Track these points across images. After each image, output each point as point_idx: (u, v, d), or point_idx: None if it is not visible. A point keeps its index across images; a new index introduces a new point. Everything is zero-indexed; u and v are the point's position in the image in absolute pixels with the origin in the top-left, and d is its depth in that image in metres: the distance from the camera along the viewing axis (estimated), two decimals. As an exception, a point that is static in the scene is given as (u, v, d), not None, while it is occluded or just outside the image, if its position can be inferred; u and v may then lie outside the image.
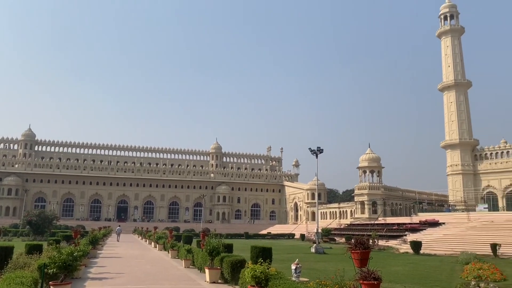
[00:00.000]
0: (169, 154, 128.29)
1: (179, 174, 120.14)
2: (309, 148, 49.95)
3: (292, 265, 17.19)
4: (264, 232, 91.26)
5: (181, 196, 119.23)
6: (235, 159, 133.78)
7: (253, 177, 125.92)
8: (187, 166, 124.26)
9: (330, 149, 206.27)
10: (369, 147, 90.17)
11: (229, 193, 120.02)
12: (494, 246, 36.65)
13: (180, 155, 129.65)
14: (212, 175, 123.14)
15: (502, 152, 77.80)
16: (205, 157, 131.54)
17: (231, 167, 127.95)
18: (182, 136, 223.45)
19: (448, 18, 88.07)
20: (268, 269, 12.31)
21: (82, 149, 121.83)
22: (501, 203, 74.82)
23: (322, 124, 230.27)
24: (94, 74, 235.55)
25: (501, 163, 76.91)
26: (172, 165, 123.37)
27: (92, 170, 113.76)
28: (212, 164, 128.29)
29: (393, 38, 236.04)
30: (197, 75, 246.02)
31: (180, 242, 38.87)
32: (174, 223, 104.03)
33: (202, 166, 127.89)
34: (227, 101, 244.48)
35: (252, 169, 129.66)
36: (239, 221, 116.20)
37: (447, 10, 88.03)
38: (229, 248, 21.12)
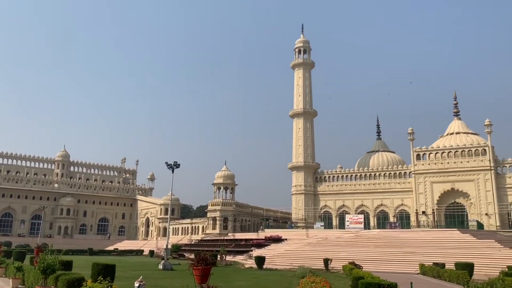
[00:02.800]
0: (5, 159, 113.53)
1: (16, 182, 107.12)
2: (166, 162, 49.28)
3: (135, 282, 16.71)
4: (110, 248, 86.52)
5: (16, 207, 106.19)
6: (84, 169, 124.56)
7: (103, 190, 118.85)
8: (27, 173, 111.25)
9: (188, 165, 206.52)
10: (225, 164, 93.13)
11: (74, 205, 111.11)
12: (326, 261, 40.75)
13: (19, 161, 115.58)
14: (56, 185, 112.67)
15: (338, 176, 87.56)
16: (49, 165, 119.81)
17: (79, 178, 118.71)
18: (25, 141, 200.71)
19: (302, 52, 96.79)
20: (109, 287, 11.78)
21: None
22: (335, 221, 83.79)
23: (181, 139, 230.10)
24: None
25: (336, 185, 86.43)
26: (8, 171, 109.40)
27: None
28: (57, 174, 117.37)
29: (256, 64, 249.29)
30: (44, 74, 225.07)
31: (10, 258, 34.60)
32: (6, 237, 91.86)
33: (45, 175, 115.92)
34: (77, 106, 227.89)
35: (103, 181, 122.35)
36: (84, 236, 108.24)
37: (301, 44, 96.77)
38: (67, 265, 19.63)
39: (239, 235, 73.56)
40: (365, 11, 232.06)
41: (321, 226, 74.57)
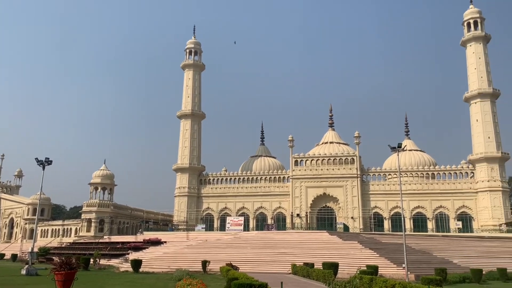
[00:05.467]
0: None
1: None
2: (36, 158, 45.25)
3: (-11, 290, 15.05)
4: (-37, 252, 76.29)
5: None
6: None
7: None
8: None
9: (62, 162, 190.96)
10: (105, 163, 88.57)
11: None
12: (204, 263, 41.08)
13: None
14: None
15: (222, 179, 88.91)
16: None
17: None
18: None
19: (193, 54, 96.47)
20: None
21: None
22: (216, 223, 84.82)
23: (56, 135, 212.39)
24: None
25: (220, 188, 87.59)
26: None
27: None
28: None
29: (146, 62, 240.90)
30: None
31: None
32: None
33: None
34: None
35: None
36: None
37: (192, 46, 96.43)
38: None
39: (116, 238, 70.50)
40: (256, 20, 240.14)
41: (202, 228, 74.89)
